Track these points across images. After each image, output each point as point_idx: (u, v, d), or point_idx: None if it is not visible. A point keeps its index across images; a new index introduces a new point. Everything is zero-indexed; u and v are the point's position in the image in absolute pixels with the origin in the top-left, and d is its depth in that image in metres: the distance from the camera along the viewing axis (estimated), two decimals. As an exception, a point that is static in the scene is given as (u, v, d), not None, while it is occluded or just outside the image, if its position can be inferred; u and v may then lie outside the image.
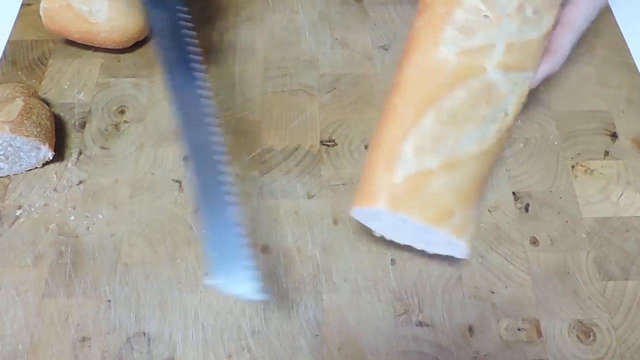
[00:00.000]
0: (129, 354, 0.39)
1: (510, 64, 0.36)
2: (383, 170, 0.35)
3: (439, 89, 0.35)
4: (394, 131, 0.36)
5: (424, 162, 0.35)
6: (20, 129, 0.44)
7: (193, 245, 0.44)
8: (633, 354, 0.39)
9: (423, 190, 0.35)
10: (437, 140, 0.35)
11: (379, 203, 0.35)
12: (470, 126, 0.35)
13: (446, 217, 0.35)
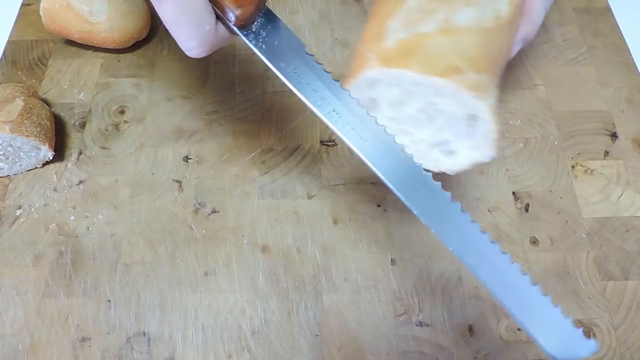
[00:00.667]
0: (129, 354, 0.39)
1: None
2: (371, 42, 0.33)
3: None
4: (381, 13, 0.34)
5: (416, 29, 0.32)
6: (20, 129, 0.44)
7: (193, 245, 0.44)
8: (633, 354, 0.39)
9: (421, 49, 0.31)
10: (428, 12, 0.33)
11: (371, 64, 0.32)
12: (461, 4, 0.33)
13: (455, 72, 0.31)
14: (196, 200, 0.46)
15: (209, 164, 0.48)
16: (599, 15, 0.57)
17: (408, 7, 0.33)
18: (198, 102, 0.51)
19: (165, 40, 0.56)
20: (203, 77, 0.53)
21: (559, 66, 0.53)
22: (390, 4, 0.34)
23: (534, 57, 0.54)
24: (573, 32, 0.56)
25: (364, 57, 0.33)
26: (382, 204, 0.45)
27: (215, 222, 0.45)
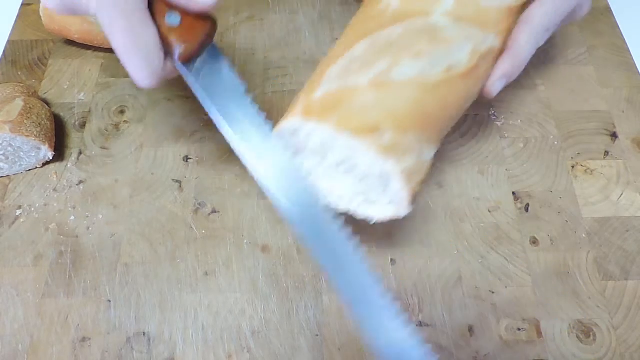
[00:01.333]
0: (129, 354, 0.39)
1: (460, 15, 0.35)
2: (306, 91, 0.34)
3: (376, 25, 0.34)
4: (327, 58, 0.35)
5: (349, 80, 0.32)
6: (20, 129, 0.44)
7: (193, 245, 0.44)
8: (633, 354, 0.39)
9: (346, 103, 0.31)
10: (367, 63, 0.32)
11: (293, 115, 0.32)
12: (407, 56, 0.33)
13: (371, 131, 0.31)
14: (196, 200, 0.46)
15: (209, 164, 0.48)
16: (599, 15, 0.57)
17: (352, 55, 0.33)
18: (198, 102, 0.51)
19: (165, 40, 0.55)
20: (203, 77, 0.53)
21: (559, 66, 0.53)
22: (338, 50, 0.35)
23: (534, 57, 0.54)
24: (573, 32, 0.56)
25: (295, 105, 0.34)
26: (382, 204, 0.45)
27: (215, 222, 0.45)
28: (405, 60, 0.33)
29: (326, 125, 0.31)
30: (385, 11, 0.35)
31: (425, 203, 0.45)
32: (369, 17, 0.36)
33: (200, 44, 0.34)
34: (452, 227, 0.44)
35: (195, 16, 0.34)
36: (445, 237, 0.44)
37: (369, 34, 0.34)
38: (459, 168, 0.47)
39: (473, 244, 0.43)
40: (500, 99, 0.51)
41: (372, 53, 0.33)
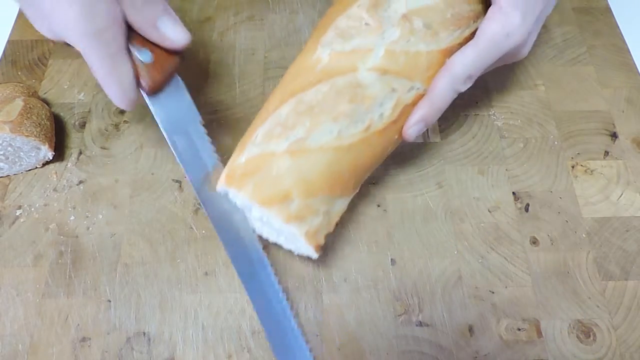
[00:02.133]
0: (129, 354, 0.39)
1: (388, 69, 0.36)
2: (235, 154, 0.37)
3: (304, 83, 0.36)
4: (255, 121, 0.37)
5: (270, 146, 0.35)
6: (20, 129, 0.44)
7: (193, 245, 0.44)
8: (633, 354, 0.39)
9: (263, 171, 0.35)
10: (288, 128, 0.35)
11: (220, 182, 0.37)
12: (327, 119, 0.35)
13: (280, 201, 0.35)
14: (196, 200, 0.46)
15: (209, 164, 0.48)
16: (599, 15, 0.57)
17: (278, 117, 0.36)
18: (198, 102, 0.51)
19: (165, 40, 0.55)
20: (203, 77, 0.53)
21: (559, 66, 0.53)
22: (268, 109, 0.37)
23: (534, 57, 0.54)
24: (573, 32, 0.56)
25: (227, 166, 0.37)
26: (382, 204, 0.45)
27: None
28: (323, 124, 0.35)
29: (242, 194, 0.35)
30: (314, 67, 0.36)
31: (425, 203, 0.45)
32: (301, 70, 0.37)
33: (167, 78, 0.38)
34: (452, 227, 0.44)
35: (165, 52, 0.37)
36: (445, 237, 0.44)
37: (297, 92, 0.36)
38: (459, 168, 0.47)
39: (473, 244, 0.43)
40: (500, 99, 0.51)
41: (294, 115, 0.35)
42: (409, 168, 0.47)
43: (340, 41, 0.36)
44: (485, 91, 0.51)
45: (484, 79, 0.51)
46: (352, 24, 0.37)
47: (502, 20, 0.37)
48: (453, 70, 0.37)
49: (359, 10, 0.37)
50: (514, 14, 0.37)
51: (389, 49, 0.36)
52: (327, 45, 0.37)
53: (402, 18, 0.37)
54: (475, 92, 0.51)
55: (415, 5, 0.37)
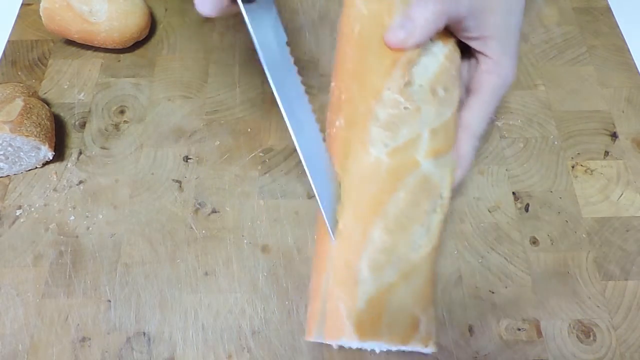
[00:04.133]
0: (129, 354, 0.39)
1: (437, 149, 0.35)
2: (343, 295, 0.33)
3: (379, 194, 0.33)
4: (345, 251, 0.33)
5: (382, 277, 0.33)
6: (20, 129, 0.44)
7: (193, 245, 0.44)
8: (633, 354, 0.39)
9: (387, 308, 0.33)
10: (390, 252, 0.33)
11: (348, 334, 0.32)
12: (417, 225, 0.34)
13: (414, 331, 0.33)
14: (196, 200, 0.46)
15: (209, 164, 0.48)
16: (599, 15, 0.57)
17: (372, 242, 0.33)
18: (198, 102, 0.51)
19: (165, 40, 0.56)
20: (203, 77, 0.53)
21: (559, 66, 0.53)
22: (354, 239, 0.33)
23: (534, 57, 0.54)
24: (573, 32, 0.56)
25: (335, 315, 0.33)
26: (382, 204, 0.45)
27: (215, 222, 0.45)
28: (415, 232, 0.34)
29: (382, 343, 0.33)
30: (378, 169, 0.34)
31: (425, 203, 0.45)
32: (367, 178, 0.34)
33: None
34: (452, 227, 0.44)
35: None
36: (445, 237, 0.44)
37: (378, 208, 0.33)
38: (459, 168, 0.47)
39: (473, 244, 0.43)
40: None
41: (389, 238, 0.33)
42: (409, 168, 0.47)
43: (389, 135, 0.34)
44: (485, 91, 0.51)
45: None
46: (392, 111, 0.34)
47: (498, 71, 0.38)
48: (472, 131, 0.38)
49: (393, 94, 0.34)
50: (506, 61, 0.38)
51: (431, 129, 0.35)
52: (378, 142, 0.34)
53: (431, 91, 0.35)
54: (475, 92, 0.51)
55: (432, 72, 0.36)
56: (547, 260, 0.43)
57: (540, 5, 0.58)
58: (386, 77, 0.35)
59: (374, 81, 0.35)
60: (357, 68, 0.36)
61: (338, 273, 0.33)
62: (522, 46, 0.54)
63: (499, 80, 0.38)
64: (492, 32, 0.37)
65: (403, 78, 0.34)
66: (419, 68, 0.35)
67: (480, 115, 0.38)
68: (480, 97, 0.39)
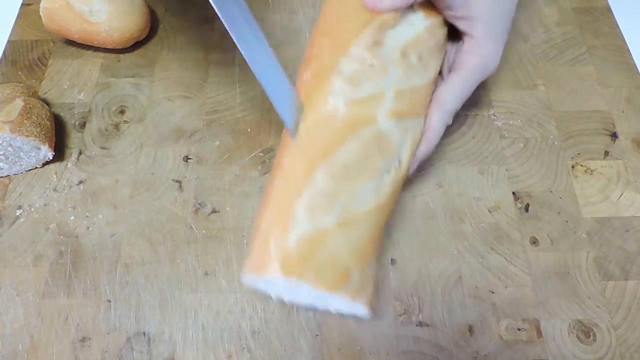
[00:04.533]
0: (129, 354, 0.39)
1: (400, 111, 0.35)
2: (276, 232, 0.33)
3: (330, 142, 0.33)
4: (286, 190, 0.33)
5: (318, 221, 0.32)
6: (20, 129, 0.44)
7: (193, 245, 0.44)
8: (633, 354, 0.39)
9: (318, 252, 0.32)
10: (331, 197, 0.32)
11: (271, 269, 0.32)
12: (364, 179, 0.33)
13: (343, 281, 0.33)
14: (196, 200, 0.46)
15: (209, 164, 0.48)
16: (599, 15, 0.57)
17: (314, 185, 0.33)
18: (198, 102, 0.51)
19: (165, 40, 0.56)
20: (203, 77, 0.53)
21: (559, 66, 0.53)
22: (296, 175, 0.33)
23: (534, 57, 0.54)
24: (573, 32, 0.56)
25: (265, 251, 0.33)
26: (382, 204, 0.45)
27: (215, 222, 0.45)
28: (362, 185, 0.33)
29: (304, 282, 0.32)
30: (333, 120, 0.34)
31: (425, 203, 0.45)
32: (318, 124, 0.34)
33: None
34: (452, 227, 0.44)
35: None
36: (445, 237, 0.44)
37: (326, 153, 0.33)
38: (459, 168, 0.47)
39: (473, 244, 0.43)
40: (500, 99, 0.51)
41: (332, 182, 0.33)
42: (409, 168, 0.47)
43: (351, 88, 0.34)
44: (485, 91, 0.51)
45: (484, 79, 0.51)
46: (357, 67, 0.34)
47: (480, 53, 0.39)
48: (445, 106, 0.38)
49: (360, 50, 0.35)
50: (490, 45, 0.39)
51: (397, 89, 0.35)
52: (339, 93, 0.34)
53: (401, 55, 0.35)
54: (476, 92, 0.51)
55: (406, 39, 0.36)
56: (547, 260, 0.43)
57: (540, 5, 0.58)
58: (357, 34, 0.35)
59: (344, 37, 0.35)
60: (330, 25, 0.37)
61: (276, 210, 0.33)
62: (522, 46, 0.54)
63: (479, 61, 0.39)
64: (477, 13, 0.38)
65: (373, 37, 0.35)
66: (393, 32, 0.36)
67: (456, 92, 0.39)
68: (458, 75, 0.39)
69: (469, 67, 0.39)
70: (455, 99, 0.39)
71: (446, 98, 0.38)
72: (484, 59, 0.39)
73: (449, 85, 0.39)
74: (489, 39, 0.39)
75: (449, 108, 0.39)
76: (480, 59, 0.39)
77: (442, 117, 0.38)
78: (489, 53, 0.39)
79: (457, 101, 0.39)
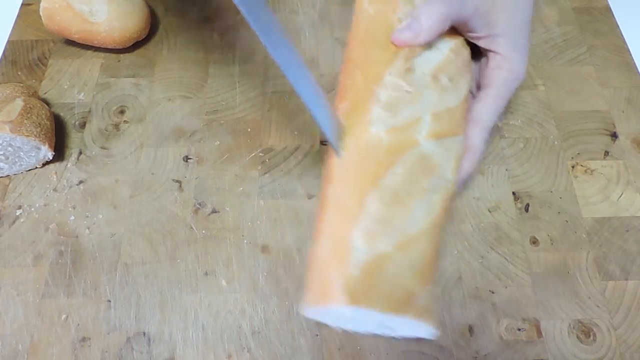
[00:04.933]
0: (129, 354, 0.39)
1: (439, 132, 0.36)
2: (335, 263, 0.32)
3: (376, 168, 0.34)
4: (339, 221, 0.34)
5: (377, 247, 0.32)
6: (20, 129, 0.44)
7: (193, 245, 0.44)
8: (633, 354, 0.39)
9: (381, 277, 0.32)
10: (385, 222, 0.33)
11: (337, 299, 0.31)
12: (415, 201, 0.34)
13: (409, 302, 0.32)
14: (196, 200, 0.46)
15: (209, 164, 0.48)
16: (599, 15, 0.57)
17: (367, 212, 0.33)
18: (198, 102, 0.51)
19: (165, 40, 0.56)
20: (203, 77, 0.53)
21: (559, 66, 0.53)
22: (347, 205, 0.34)
23: (534, 57, 0.54)
24: (573, 32, 0.56)
25: (327, 282, 0.32)
26: (382, 204, 0.45)
27: (215, 222, 0.45)
28: (414, 207, 0.34)
29: (371, 308, 0.32)
30: (378, 147, 0.35)
31: (425, 203, 0.45)
32: (363, 152, 0.35)
33: None
34: (452, 227, 0.44)
35: None
36: (445, 237, 0.44)
37: (374, 180, 0.34)
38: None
39: (473, 244, 0.43)
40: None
41: (385, 207, 0.33)
42: (409, 168, 0.47)
43: (390, 115, 0.35)
44: (485, 91, 0.51)
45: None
46: (394, 94, 0.35)
47: (508, 67, 0.39)
48: (482, 123, 0.39)
49: (394, 78, 0.36)
50: (516, 57, 0.39)
51: (433, 112, 0.36)
52: (379, 121, 0.35)
53: (433, 79, 0.36)
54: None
55: (435, 63, 0.37)
56: (547, 260, 0.43)
57: (540, 5, 0.58)
58: (388, 65, 0.36)
59: (377, 69, 0.36)
60: (361, 59, 0.37)
61: (332, 242, 0.34)
62: (522, 46, 0.54)
63: (509, 75, 0.39)
64: (499, 30, 0.38)
65: (404, 65, 0.36)
66: (421, 59, 0.37)
67: (491, 108, 0.39)
68: (491, 91, 0.39)
69: (500, 82, 0.39)
70: (492, 115, 0.39)
71: (482, 116, 0.39)
72: (513, 72, 0.39)
73: (484, 103, 0.39)
74: (514, 51, 0.39)
75: (487, 125, 0.39)
76: (509, 73, 0.39)
77: (481, 134, 0.39)
78: (517, 65, 0.39)
79: (494, 117, 0.39)
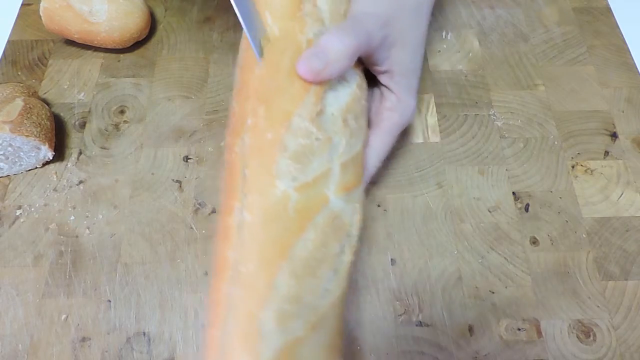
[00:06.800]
0: (129, 354, 0.39)
1: (348, 183, 0.32)
2: (244, 350, 0.28)
3: (286, 236, 0.30)
4: (246, 300, 0.29)
5: (289, 330, 0.29)
6: (20, 129, 0.44)
7: (193, 245, 0.44)
8: (633, 354, 0.39)
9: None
10: (297, 300, 0.29)
11: None
12: (326, 269, 0.30)
13: None
14: (196, 200, 0.46)
15: (209, 164, 0.48)
16: (599, 15, 0.57)
17: (277, 289, 0.29)
18: (198, 102, 0.51)
19: (165, 40, 0.56)
20: (203, 77, 0.53)
21: (559, 66, 0.53)
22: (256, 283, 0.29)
23: (534, 57, 0.54)
24: (573, 32, 0.56)
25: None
26: (382, 204, 0.45)
27: (215, 222, 0.45)
28: (324, 276, 0.31)
29: None
30: (285, 207, 0.30)
31: (425, 203, 0.45)
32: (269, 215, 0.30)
33: None
34: (452, 227, 0.44)
35: None
36: (445, 237, 0.44)
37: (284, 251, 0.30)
38: (459, 168, 0.47)
39: (473, 244, 0.43)
40: (500, 99, 0.51)
41: (295, 282, 0.29)
42: (409, 168, 0.47)
43: (299, 167, 0.30)
44: (485, 91, 0.51)
45: (484, 79, 0.52)
46: (304, 142, 0.31)
47: (401, 110, 0.39)
48: (369, 170, 0.38)
49: (304, 122, 0.31)
50: (409, 99, 0.40)
51: (343, 162, 0.32)
52: (286, 175, 0.30)
53: (343, 122, 0.33)
54: (476, 92, 0.51)
55: (345, 101, 0.33)
56: (547, 260, 0.43)
57: (540, 5, 0.58)
58: (297, 102, 0.31)
59: (284, 105, 0.31)
60: (264, 89, 0.32)
61: (239, 322, 0.29)
62: (522, 46, 0.54)
63: (400, 120, 0.39)
64: (399, 67, 0.38)
65: (316, 106, 0.31)
66: (332, 95, 0.33)
67: (378, 153, 0.39)
68: (379, 134, 0.39)
69: (391, 125, 0.39)
70: (377, 159, 0.39)
71: (369, 161, 0.38)
72: (403, 117, 0.40)
73: (373, 147, 0.38)
74: (408, 93, 0.39)
75: (372, 172, 0.39)
76: (400, 117, 0.39)
77: (376, 160, 0.39)
78: (409, 109, 0.40)
79: (378, 162, 0.39)
